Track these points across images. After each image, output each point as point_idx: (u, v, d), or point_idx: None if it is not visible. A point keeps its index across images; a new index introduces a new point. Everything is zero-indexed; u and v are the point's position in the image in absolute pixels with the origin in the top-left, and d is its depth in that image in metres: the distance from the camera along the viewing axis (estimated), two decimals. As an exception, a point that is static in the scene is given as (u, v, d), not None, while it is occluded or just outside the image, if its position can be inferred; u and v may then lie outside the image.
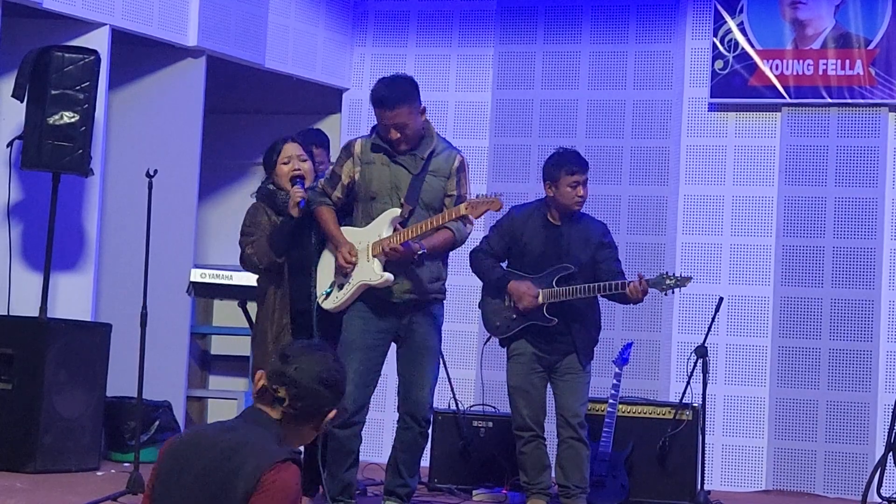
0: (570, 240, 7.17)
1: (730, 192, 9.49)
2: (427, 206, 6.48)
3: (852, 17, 9.24)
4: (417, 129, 6.49)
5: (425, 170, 6.49)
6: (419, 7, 10.24)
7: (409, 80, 6.52)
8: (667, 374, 9.36)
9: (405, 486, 6.62)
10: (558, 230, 7.19)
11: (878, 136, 9.19)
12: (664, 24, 9.70)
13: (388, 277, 6.37)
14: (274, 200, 6.67)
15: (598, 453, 7.65)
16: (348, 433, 6.44)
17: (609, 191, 9.46)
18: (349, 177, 6.54)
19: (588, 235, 7.21)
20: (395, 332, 6.53)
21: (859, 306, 9.15)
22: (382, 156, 6.50)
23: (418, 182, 6.46)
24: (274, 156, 6.75)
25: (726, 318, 9.11)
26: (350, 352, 6.41)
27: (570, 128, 9.72)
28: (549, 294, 7.08)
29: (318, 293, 6.57)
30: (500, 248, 7.30)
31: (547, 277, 7.11)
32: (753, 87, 9.41)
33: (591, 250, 7.17)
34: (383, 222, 6.42)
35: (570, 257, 7.13)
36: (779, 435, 9.20)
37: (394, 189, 6.46)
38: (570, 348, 7.14)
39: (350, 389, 6.36)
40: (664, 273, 7.06)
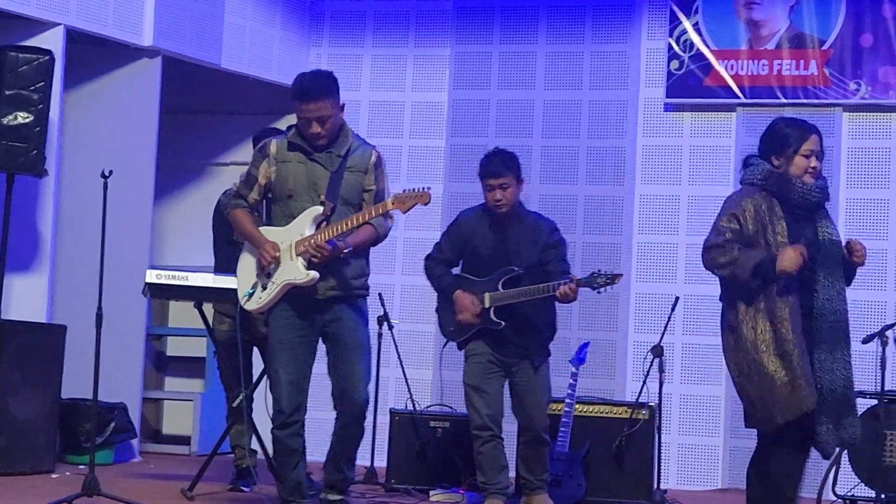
0: (517, 240, 7.19)
1: (685, 192, 9.53)
2: (346, 203, 6.44)
3: (806, 18, 9.30)
4: (336, 126, 6.47)
5: (343, 167, 6.45)
6: (375, 7, 10.23)
7: (332, 75, 6.51)
8: (623, 374, 9.39)
9: (344, 480, 6.62)
10: (505, 231, 7.21)
11: (833, 136, 9.24)
12: (620, 25, 9.73)
13: (313, 276, 6.32)
14: None
15: (554, 453, 7.66)
16: (288, 433, 6.42)
17: (565, 191, 9.48)
18: (265, 177, 6.51)
19: (536, 235, 7.22)
20: (322, 330, 6.47)
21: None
22: (299, 154, 6.47)
23: (337, 179, 6.42)
24: None
25: (682, 317, 9.14)
26: (278, 352, 6.41)
27: (526, 128, 9.74)
28: (495, 297, 7.10)
29: (240, 295, 6.55)
30: (451, 253, 7.34)
31: (494, 280, 7.13)
32: (709, 88, 9.45)
33: (539, 250, 7.18)
34: (305, 221, 6.39)
35: (518, 258, 7.14)
36: (735, 434, 9.23)
37: (311, 187, 6.42)
38: (524, 351, 7.16)
39: (283, 391, 6.37)
40: (595, 272, 7.04)
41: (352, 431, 6.53)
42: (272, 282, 6.42)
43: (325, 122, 6.39)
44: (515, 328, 7.12)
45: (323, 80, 6.45)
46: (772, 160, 5.83)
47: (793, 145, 5.79)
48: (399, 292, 9.76)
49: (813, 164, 5.80)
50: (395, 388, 9.38)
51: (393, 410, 8.53)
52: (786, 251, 5.57)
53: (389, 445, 8.41)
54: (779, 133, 5.86)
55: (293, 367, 6.41)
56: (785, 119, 6.02)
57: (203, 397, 9.95)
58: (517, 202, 7.26)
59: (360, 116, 9.88)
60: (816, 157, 5.83)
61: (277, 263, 6.39)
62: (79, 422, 8.50)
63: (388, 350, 8.60)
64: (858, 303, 9.10)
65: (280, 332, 6.45)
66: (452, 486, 8.07)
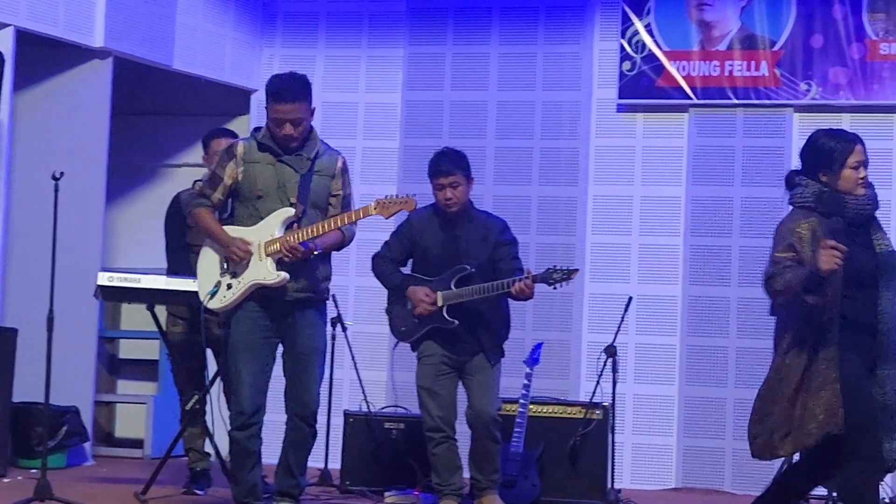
0: (467, 240, 7.20)
1: (638, 193, 9.56)
2: (315, 206, 6.48)
3: (757, 19, 9.35)
4: (307, 129, 6.51)
5: (312, 170, 6.49)
6: (328, 8, 10.21)
7: (306, 79, 6.54)
8: (577, 374, 9.41)
9: (297, 486, 6.62)
10: (455, 231, 7.21)
11: (784, 137, 9.30)
12: (573, 26, 9.75)
13: (284, 276, 6.34)
14: None
15: (509, 453, 7.67)
16: (247, 434, 6.42)
17: (519, 191, 9.50)
18: (232, 178, 6.51)
19: (486, 234, 7.23)
20: (284, 332, 6.48)
21: (766, 305, 9.20)
22: (268, 155, 6.48)
23: (307, 182, 6.46)
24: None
25: (636, 317, 9.17)
26: (240, 352, 6.41)
27: (479, 129, 9.74)
28: (448, 296, 7.10)
29: (203, 293, 6.54)
30: (399, 252, 7.34)
31: (446, 279, 7.13)
32: (661, 88, 9.48)
33: (490, 249, 7.19)
34: (276, 222, 6.40)
35: (468, 257, 7.15)
36: (688, 433, 9.28)
37: (280, 188, 6.44)
38: (478, 348, 7.17)
39: (244, 391, 6.36)
40: (551, 267, 7.05)
41: (305, 435, 6.55)
42: (239, 281, 6.42)
43: (299, 124, 6.43)
44: (468, 327, 7.13)
45: (299, 82, 6.48)
46: (819, 177, 5.70)
47: (838, 159, 5.69)
48: (353, 294, 9.75)
49: (861, 174, 5.72)
50: (350, 390, 9.36)
51: (347, 412, 8.52)
52: (819, 253, 5.38)
53: (344, 447, 8.39)
54: (822, 148, 5.73)
55: (255, 367, 6.41)
56: (825, 132, 5.84)
57: (156, 400, 9.90)
58: (467, 201, 7.26)
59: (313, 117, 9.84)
60: (864, 167, 5.74)
61: (248, 259, 6.38)
62: (31, 425, 8.44)
63: (342, 352, 8.59)
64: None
65: (243, 332, 6.44)
66: (407, 488, 8.06)
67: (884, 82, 9.12)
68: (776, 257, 5.58)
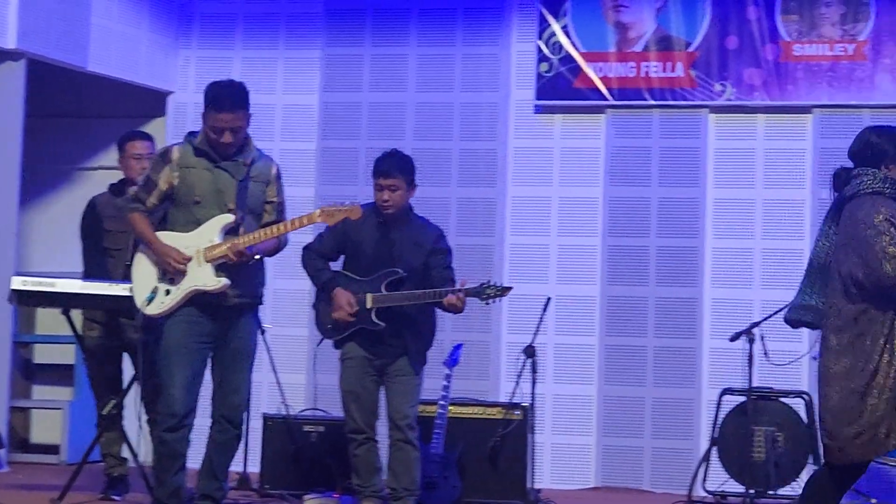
0: (401, 244, 7.18)
1: (556, 193, 9.60)
2: (251, 212, 6.54)
3: (673, 20, 9.41)
4: (244, 136, 6.53)
5: (248, 176, 6.51)
6: (245, 9, 10.16)
7: (245, 86, 6.57)
8: (497, 375, 9.43)
9: (220, 490, 6.62)
10: (390, 233, 7.19)
11: (699, 137, 9.38)
12: (490, 27, 9.76)
13: (225, 282, 6.38)
14: None
15: (429, 455, 7.67)
16: (177, 436, 6.41)
17: (437, 193, 9.49)
18: (167, 183, 6.50)
19: (421, 240, 7.22)
20: (219, 336, 6.49)
21: (683, 304, 9.32)
22: (205, 161, 6.49)
23: (244, 188, 6.48)
24: None
25: (554, 317, 9.20)
26: (175, 355, 6.40)
27: (398, 130, 9.73)
28: (378, 298, 7.08)
29: (139, 300, 6.50)
30: (330, 247, 7.28)
31: (376, 281, 7.10)
32: (578, 90, 9.52)
33: (424, 255, 7.18)
34: (214, 228, 6.41)
35: (401, 261, 7.13)
36: (607, 432, 9.33)
37: (218, 194, 6.46)
38: (402, 351, 7.15)
39: (178, 393, 6.35)
40: (485, 283, 7.10)
41: (231, 438, 6.57)
42: (178, 287, 6.43)
43: (239, 132, 6.48)
44: (395, 330, 7.10)
45: (239, 90, 6.51)
46: (881, 170, 5.67)
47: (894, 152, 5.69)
48: (270, 296, 9.68)
49: None
50: (269, 393, 9.31)
51: (266, 415, 8.48)
52: None
53: (263, 451, 8.36)
54: (876, 145, 5.72)
55: (189, 370, 6.42)
56: (874, 130, 5.83)
57: (72, 405, 9.79)
58: (406, 206, 7.24)
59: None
60: None
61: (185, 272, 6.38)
62: (-56, 432, 8.33)
63: (260, 355, 8.51)
64: (725, 301, 9.25)
65: (178, 335, 6.43)
66: (327, 490, 8.04)
67: (798, 83, 9.22)
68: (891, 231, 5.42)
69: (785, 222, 9.25)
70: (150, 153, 7.71)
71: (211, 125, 6.45)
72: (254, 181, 6.54)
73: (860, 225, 5.51)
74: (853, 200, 5.62)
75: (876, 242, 5.44)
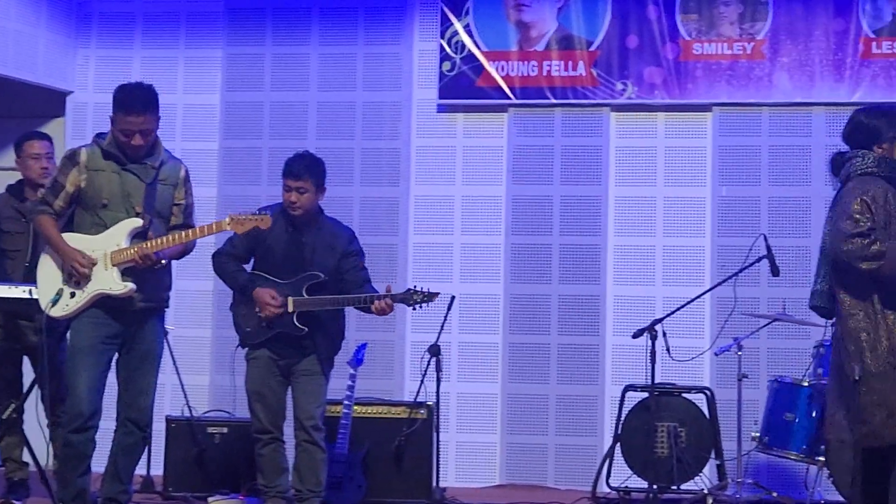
0: (314, 247, 7.15)
1: (460, 192, 9.61)
2: (159, 216, 6.53)
3: (574, 20, 9.46)
4: (154, 138, 6.52)
5: (156, 179, 6.49)
6: (144, 8, 10.06)
7: (154, 89, 6.54)
8: (401, 374, 9.43)
9: (125, 493, 6.59)
10: (301, 236, 7.16)
11: (601, 136, 9.44)
12: (392, 27, 9.76)
13: (131, 287, 6.37)
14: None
15: (334, 455, 7.66)
16: (83, 438, 6.38)
17: (341, 192, 9.46)
18: (74, 185, 6.46)
19: (333, 243, 7.19)
20: (125, 339, 6.46)
21: (586, 302, 9.38)
22: (113, 163, 6.46)
23: (152, 191, 6.45)
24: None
25: (458, 316, 9.21)
26: (81, 357, 6.37)
27: (300, 130, 9.70)
28: (300, 302, 7.04)
29: (44, 302, 6.44)
30: (243, 249, 7.23)
31: (297, 284, 7.07)
32: (480, 88, 9.55)
33: (337, 258, 7.16)
34: (122, 232, 6.40)
35: (314, 265, 7.10)
36: (511, 430, 9.36)
37: (126, 197, 6.44)
38: (309, 351, 7.12)
39: (84, 394, 6.31)
40: (412, 288, 7.14)
41: (137, 441, 6.55)
42: (83, 290, 6.40)
43: (148, 135, 6.46)
44: (309, 332, 7.08)
45: (149, 93, 6.48)
46: (874, 150, 5.67)
47: (887, 132, 5.67)
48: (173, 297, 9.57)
49: None
50: (171, 395, 9.23)
51: (169, 417, 8.42)
52: None
53: (166, 453, 8.29)
54: (867, 125, 5.72)
55: (95, 371, 6.39)
56: (864, 111, 5.83)
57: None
58: (316, 208, 7.21)
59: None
60: None
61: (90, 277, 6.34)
62: None
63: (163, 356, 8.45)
64: (627, 298, 9.32)
65: (85, 336, 6.40)
66: (232, 492, 8.00)
67: (697, 81, 9.31)
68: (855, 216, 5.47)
69: (686, 219, 9.34)
70: (48, 153, 7.66)
71: (120, 128, 6.41)
72: (162, 184, 6.52)
73: (843, 208, 5.54)
74: (846, 185, 5.63)
75: (842, 222, 5.48)
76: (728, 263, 8.80)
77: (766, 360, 9.04)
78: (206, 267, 7.37)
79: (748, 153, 9.31)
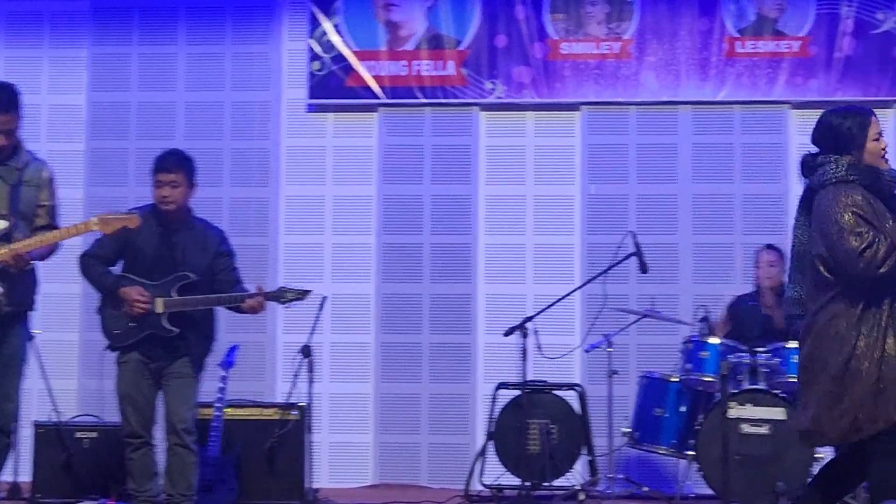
0: (185, 248, 7.06)
1: (330, 192, 9.59)
2: (24, 217, 6.40)
3: (443, 19, 9.49)
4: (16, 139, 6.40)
5: (21, 181, 6.38)
6: (7, 7, 9.89)
7: (15, 87, 6.41)
8: (273, 375, 9.38)
9: None
10: (171, 236, 7.08)
11: (471, 135, 9.48)
12: (261, 26, 9.71)
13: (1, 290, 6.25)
14: None
15: (205, 458, 7.59)
16: None
17: (210, 193, 9.35)
18: None
19: (205, 243, 7.12)
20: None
21: (458, 300, 9.42)
22: None
23: (16, 193, 6.33)
24: None
25: (330, 316, 9.19)
26: None
27: (168, 130, 9.60)
28: (170, 303, 6.95)
29: None
30: (110, 251, 7.10)
31: (167, 285, 6.97)
32: (350, 88, 9.53)
33: (209, 258, 7.09)
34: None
35: (186, 265, 7.02)
36: (384, 429, 9.36)
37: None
38: (181, 353, 7.04)
39: None
40: (283, 287, 7.09)
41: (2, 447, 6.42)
42: None
43: (11, 135, 6.33)
44: (180, 334, 6.99)
45: (10, 92, 6.35)
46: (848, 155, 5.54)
47: (860, 134, 5.55)
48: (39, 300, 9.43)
49: (882, 145, 5.60)
50: (39, 400, 9.08)
51: (36, 423, 8.28)
52: None
53: (34, 459, 8.16)
54: (839, 128, 5.57)
55: None
56: (835, 112, 5.68)
57: None
58: (186, 207, 7.13)
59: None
60: (882, 137, 5.63)
61: None
62: None
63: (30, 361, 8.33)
64: (498, 297, 9.37)
65: None
66: (102, 497, 7.91)
67: (565, 81, 9.39)
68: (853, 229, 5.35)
69: (556, 217, 9.42)
70: None
71: None
72: (26, 185, 6.39)
73: (826, 218, 5.43)
74: (821, 191, 5.51)
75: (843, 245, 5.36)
76: (598, 261, 8.87)
77: (636, 357, 9.15)
78: (73, 269, 7.25)
79: (616, 151, 9.41)
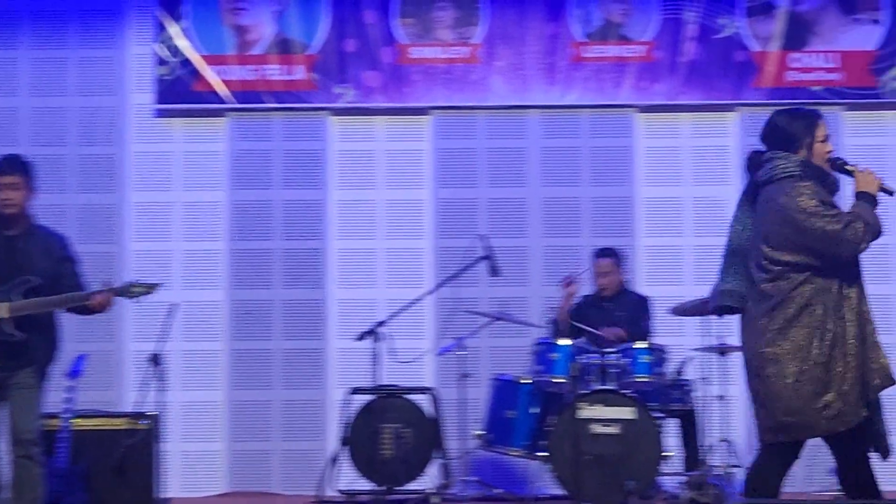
0: (29, 253, 6.92)
1: (179, 198, 9.50)
2: None
3: (292, 24, 9.45)
4: None
5: None
6: None
7: None
8: (122, 384, 9.26)
9: None
10: (14, 242, 6.93)
11: (321, 140, 9.45)
12: (106, 30, 9.58)
13: None
14: None
15: (53, 469, 7.46)
16: None
17: (54, 200, 9.20)
18: None
19: (48, 248, 6.98)
20: None
21: (309, 306, 9.39)
22: None
23: None
24: None
25: (181, 324, 9.09)
26: None
27: (10, 136, 9.41)
28: (15, 307, 6.80)
29: None
30: None
31: (11, 290, 6.82)
32: (198, 93, 9.44)
33: (53, 262, 6.96)
34: None
35: (30, 270, 6.88)
36: (236, 437, 9.29)
37: None
38: (26, 363, 6.90)
39: None
40: (131, 281, 6.97)
41: None
42: None
43: None
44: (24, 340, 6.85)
45: None
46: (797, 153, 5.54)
47: (806, 136, 5.54)
48: None
49: (828, 148, 5.59)
50: None
51: None
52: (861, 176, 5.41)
53: None
54: (785, 129, 5.57)
55: None
56: (784, 113, 5.66)
57: None
58: (27, 213, 6.98)
59: None
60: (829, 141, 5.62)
61: None
62: None
63: None
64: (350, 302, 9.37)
65: None
66: (-57, 513, 7.73)
67: (415, 85, 9.41)
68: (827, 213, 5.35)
69: (407, 222, 9.44)
70: None
71: None
72: None
73: (786, 211, 5.42)
74: (769, 186, 5.53)
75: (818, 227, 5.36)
76: (449, 265, 8.91)
77: (488, 359, 9.20)
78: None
79: (466, 155, 9.47)
